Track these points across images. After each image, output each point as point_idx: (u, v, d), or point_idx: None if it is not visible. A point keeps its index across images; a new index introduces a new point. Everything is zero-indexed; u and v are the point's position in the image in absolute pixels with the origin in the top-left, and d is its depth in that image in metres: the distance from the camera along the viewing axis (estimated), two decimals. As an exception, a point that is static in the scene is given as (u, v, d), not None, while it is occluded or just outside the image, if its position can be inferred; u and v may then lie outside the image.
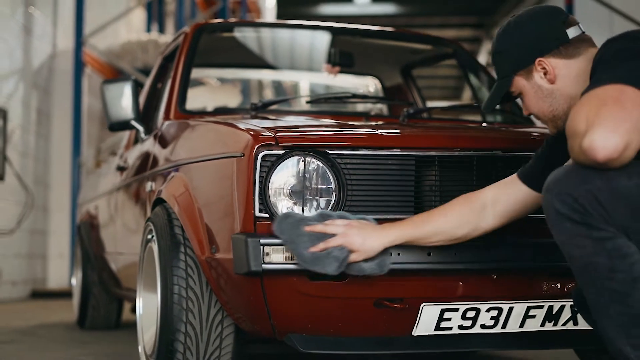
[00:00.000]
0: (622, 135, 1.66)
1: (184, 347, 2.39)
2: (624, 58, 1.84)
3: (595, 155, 1.67)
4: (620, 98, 1.71)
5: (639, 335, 1.73)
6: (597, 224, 1.72)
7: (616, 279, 1.73)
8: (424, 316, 2.22)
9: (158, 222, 2.56)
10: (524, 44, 2.06)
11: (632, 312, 1.72)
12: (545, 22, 2.06)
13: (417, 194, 2.22)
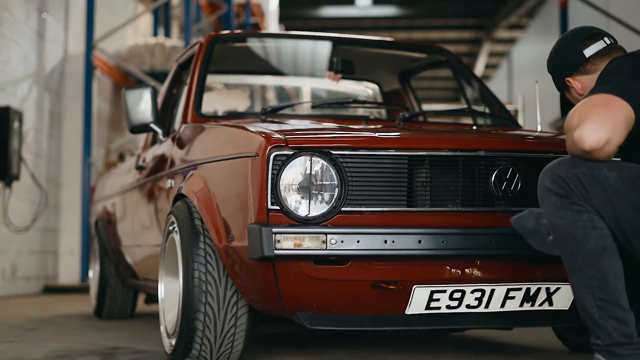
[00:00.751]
0: (605, 131, 2.04)
1: (203, 325, 2.70)
2: (619, 74, 2.20)
3: (583, 145, 2.05)
4: (607, 104, 2.09)
5: (603, 298, 2.04)
6: (577, 200, 2.07)
7: (588, 245, 2.05)
8: (415, 297, 2.52)
9: (179, 215, 2.87)
10: (556, 68, 2.49)
11: (599, 276, 2.04)
12: (567, 47, 2.46)
13: (410, 189, 2.52)
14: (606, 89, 2.13)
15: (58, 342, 3.67)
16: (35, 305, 6.40)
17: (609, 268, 2.05)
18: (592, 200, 2.07)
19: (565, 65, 2.44)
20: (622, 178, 2.08)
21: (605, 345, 2.05)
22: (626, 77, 2.16)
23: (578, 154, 2.10)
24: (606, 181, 2.08)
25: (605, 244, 2.06)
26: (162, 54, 10.26)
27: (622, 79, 2.16)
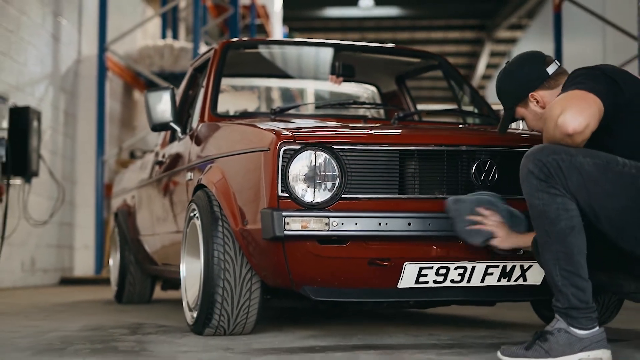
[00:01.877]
0: (585, 117, 2.41)
1: (222, 298, 3.09)
2: (586, 78, 2.58)
3: (567, 129, 2.41)
4: (584, 96, 2.47)
5: (568, 269, 2.42)
6: (554, 184, 2.44)
7: (559, 225, 2.43)
8: (406, 273, 2.91)
9: (200, 203, 3.26)
10: (520, 84, 2.79)
11: (566, 251, 2.42)
12: (532, 66, 2.79)
13: (401, 178, 2.91)
14: (579, 87, 2.50)
15: (87, 320, 4.07)
16: (55, 294, 6.79)
17: (575, 245, 2.43)
18: (569, 184, 2.43)
19: (529, 81, 2.76)
20: (596, 164, 2.45)
21: (564, 308, 2.44)
22: (591, 82, 2.54)
23: (559, 138, 2.45)
24: (582, 167, 2.44)
25: (574, 224, 2.43)
26: (171, 55, 10.64)
27: (589, 82, 2.53)
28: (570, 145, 2.45)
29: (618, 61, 9.87)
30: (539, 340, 2.44)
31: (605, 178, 2.42)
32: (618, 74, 2.59)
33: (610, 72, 2.58)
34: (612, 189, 2.41)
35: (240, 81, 4.85)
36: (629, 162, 2.45)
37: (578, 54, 14.24)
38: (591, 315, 2.44)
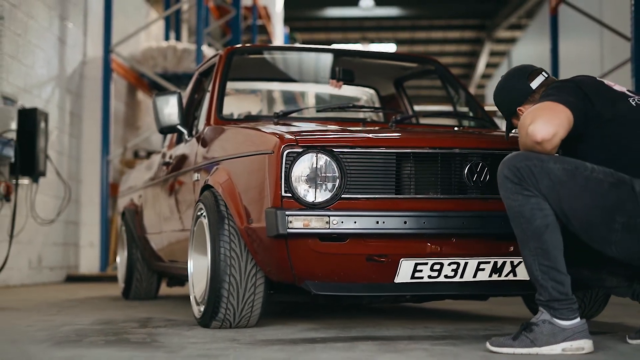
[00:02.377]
0: (553, 126, 2.62)
1: (228, 292, 3.27)
2: (558, 91, 2.78)
3: (536, 137, 2.62)
4: (553, 107, 2.68)
5: (546, 264, 2.60)
6: (528, 187, 2.62)
7: (535, 223, 2.61)
8: (402, 268, 3.08)
9: (207, 202, 3.44)
10: (508, 101, 3.03)
11: (543, 247, 2.60)
12: (517, 82, 3.00)
13: (397, 179, 3.08)
14: (551, 99, 2.70)
15: (98, 315, 4.25)
16: (63, 291, 6.96)
17: (550, 241, 2.61)
18: (540, 187, 2.62)
19: (516, 97, 2.97)
20: (565, 170, 2.64)
21: (545, 301, 2.62)
22: (563, 93, 2.73)
23: (530, 146, 2.65)
24: (552, 172, 2.63)
25: (548, 222, 2.62)
26: (174, 56, 10.82)
27: (561, 94, 2.72)
28: (541, 152, 2.64)
29: (615, 62, 10.04)
30: (525, 331, 2.62)
31: (573, 182, 2.60)
32: (591, 86, 2.78)
33: (583, 84, 2.77)
34: (580, 192, 2.60)
35: (245, 85, 5.03)
36: (597, 168, 2.63)
37: (576, 54, 14.40)
38: (572, 306, 2.61)
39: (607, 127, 2.73)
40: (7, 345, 2.89)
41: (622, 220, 2.62)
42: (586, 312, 3.77)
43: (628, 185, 2.64)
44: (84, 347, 2.82)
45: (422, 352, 2.63)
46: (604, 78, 9.64)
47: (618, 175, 2.65)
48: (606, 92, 2.79)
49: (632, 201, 2.63)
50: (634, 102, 2.79)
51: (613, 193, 2.63)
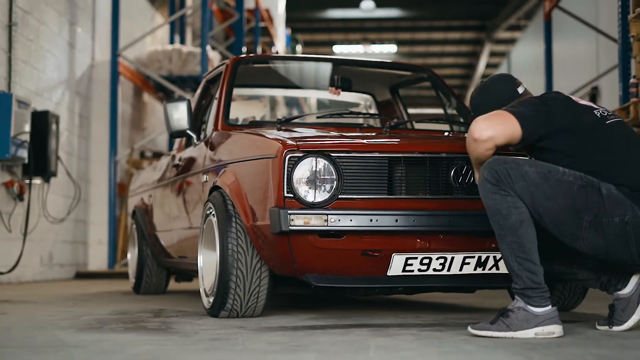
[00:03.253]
0: (492, 131, 2.95)
1: (235, 285, 3.57)
2: (521, 104, 3.09)
3: (474, 134, 2.96)
4: (503, 116, 2.99)
5: (521, 256, 2.90)
6: (504, 187, 2.92)
7: (511, 220, 2.91)
8: (394, 262, 3.39)
9: (216, 202, 3.74)
10: (497, 101, 3.26)
11: (518, 240, 2.90)
12: (507, 86, 3.30)
13: (389, 181, 3.38)
14: (508, 110, 3.02)
15: (113, 306, 4.55)
16: (75, 286, 7.27)
17: (525, 235, 2.91)
18: (516, 188, 2.92)
19: (503, 99, 3.23)
20: (538, 173, 2.94)
21: (521, 289, 2.92)
22: (523, 107, 3.02)
23: (468, 142, 2.99)
24: (527, 174, 2.93)
25: (523, 219, 2.92)
26: (179, 59, 11.11)
27: (521, 107, 3.02)
28: (475, 149, 2.99)
29: (610, 63, 10.30)
30: (502, 317, 2.93)
31: (546, 184, 2.90)
32: (558, 102, 3.06)
33: (550, 100, 3.07)
34: (552, 193, 2.90)
35: (250, 91, 5.34)
36: (568, 171, 2.94)
37: (572, 55, 14.67)
38: (544, 295, 2.91)
39: (574, 137, 3.02)
40: (36, 331, 3.20)
41: (589, 219, 2.93)
42: (565, 304, 4.07)
43: (595, 188, 2.95)
44: (106, 332, 3.13)
45: (410, 336, 2.93)
46: (599, 79, 10.00)
47: (587, 178, 2.96)
48: (573, 107, 3.08)
49: (598, 202, 2.93)
50: (598, 114, 3.09)
51: (582, 194, 2.93)
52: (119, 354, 2.44)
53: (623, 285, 3.09)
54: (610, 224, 2.93)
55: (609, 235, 2.94)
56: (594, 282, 3.19)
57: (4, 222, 7.35)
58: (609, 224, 2.93)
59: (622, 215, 2.93)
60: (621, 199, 2.94)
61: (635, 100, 6.15)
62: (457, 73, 30.53)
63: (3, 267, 7.26)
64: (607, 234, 2.94)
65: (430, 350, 2.53)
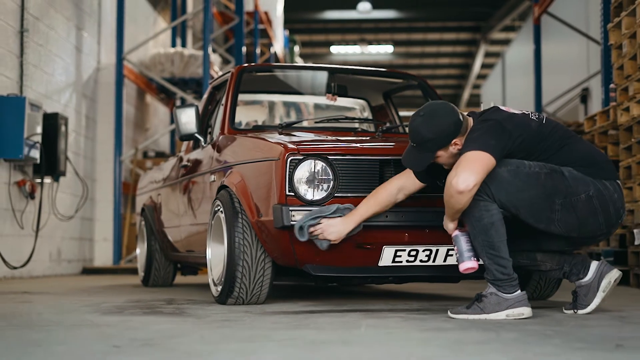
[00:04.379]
0: (474, 176, 3.20)
1: (241, 274, 3.95)
2: (481, 135, 3.33)
3: (457, 187, 3.20)
4: (475, 157, 3.25)
5: (492, 253, 3.28)
6: (479, 193, 3.28)
7: (482, 222, 3.28)
8: (384, 254, 3.77)
9: (223, 200, 4.12)
10: (447, 134, 3.41)
11: (489, 240, 3.28)
12: (453, 117, 3.42)
13: (380, 181, 3.76)
14: (474, 148, 3.26)
15: (127, 296, 4.93)
16: (84, 280, 7.65)
17: (495, 235, 3.28)
18: (492, 189, 3.29)
19: (453, 131, 3.39)
20: (508, 170, 3.31)
21: (491, 280, 3.30)
22: (486, 137, 3.29)
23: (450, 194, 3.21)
24: (498, 175, 3.30)
25: (493, 221, 3.28)
26: (180, 62, 11.49)
27: (483, 138, 3.29)
28: (461, 200, 3.21)
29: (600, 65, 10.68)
30: (477, 302, 3.32)
31: (517, 179, 3.29)
32: (506, 119, 3.39)
33: (501, 121, 3.36)
34: (524, 185, 3.29)
35: (253, 97, 5.73)
36: (532, 164, 3.33)
37: (563, 56, 15.04)
38: (512, 282, 3.30)
39: (527, 143, 3.37)
40: (65, 314, 3.58)
41: (560, 201, 3.31)
42: (541, 293, 4.46)
43: (558, 172, 3.34)
44: (127, 315, 3.51)
45: (397, 318, 3.32)
46: (590, 80, 10.45)
47: (549, 165, 3.35)
48: (515, 119, 3.40)
49: (565, 184, 3.32)
50: (535, 117, 3.46)
51: (549, 180, 3.32)
52: (144, 330, 2.83)
53: (584, 274, 3.48)
54: (579, 201, 3.32)
55: (580, 212, 3.33)
56: (557, 272, 3.58)
57: (17, 219, 7.73)
58: (577, 202, 3.32)
59: (587, 191, 3.33)
60: (581, 177, 3.34)
61: (614, 104, 6.55)
62: (452, 73, 30.90)
63: (15, 262, 7.64)
64: (578, 211, 3.33)
65: (414, 328, 2.91)
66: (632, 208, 5.97)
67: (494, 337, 2.61)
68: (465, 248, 3.41)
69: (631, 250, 5.96)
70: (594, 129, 7.01)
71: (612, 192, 3.39)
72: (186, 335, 2.66)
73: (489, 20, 24.45)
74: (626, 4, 6.14)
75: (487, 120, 3.41)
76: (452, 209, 3.32)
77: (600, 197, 3.35)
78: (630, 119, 5.95)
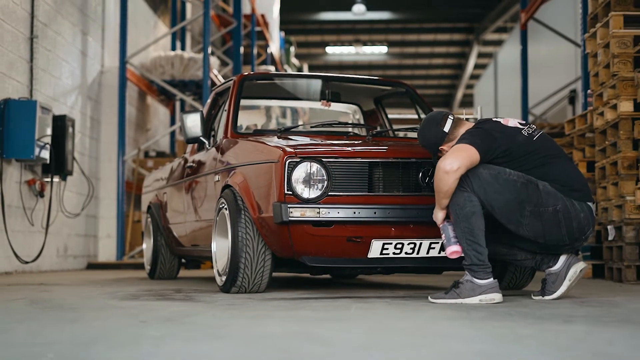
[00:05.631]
0: (458, 161, 3.67)
1: (244, 265, 4.38)
2: (471, 135, 3.84)
3: (444, 167, 3.68)
4: (462, 148, 3.73)
5: (471, 239, 3.70)
6: (463, 185, 3.72)
7: (465, 210, 3.71)
8: (373, 247, 4.19)
9: (228, 198, 4.55)
10: (431, 144, 3.99)
11: (470, 227, 3.70)
12: (432, 131, 3.97)
13: (369, 181, 4.18)
14: (465, 142, 3.76)
15: (137, 287, 5.35)
16: (91, 274, 8.06)
17: (475, 223, 3.72)
18: (473, 185, 3.72)
19: (435, 142, 3.96)
20: (490, 174, 3.75)
21: (468, 265, 3.73)
22: (473, 137, 3.77)
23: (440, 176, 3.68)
24: (481, 174, 3.74)
25: (475, 210, 3.72)
26: (180, 65, 11.89)
27: (471, 138, 3.78)
28: (447, 180, 3.67)
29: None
30: (454, 288, 3.75)
31: (496, 182, 3.72)
32: (495, 128, 3.84)
33: (489, 129, 3.83)
34: (501, 189, 3.72)
35: (253, 102, 6.16)
36: (513, 172, 3.76)
37: (553, 56, 15.43)
38: (487, 270, 3.73)
39: (510, 154, 3.81)
40: (87, 300, 4.00)
41: (530, 209, 3.74)
42: (516, 283, 4.89)
43: (534, 184, 3.77)
44: (143, 301, 3.94)
45: (384, 303, 3.74)
46: (577, 82, 10.91)
47: (527, 177, 3.78)
48: (504, 130, 3.87)
49: (537, 195, 3.75)
50: (525, 133, 3.90)
51: (524, 189, 3.75)
52: (163, 311, 3.25)
53: (554, 263, 3.92)
54: (546, 212, 3.75)
55: (545, 222, 3.76)
56: (530, 261, 4.01)
57: (27, 216, 8.14)
58: (545, 212, 3.75)
59: (555, 205, 3.76)
60: (554, 193, 3.77)
61: (591, 109, 6.98)
62: (446, 73, 31.32)
63: (26, 257, 8.06)
64: (544, 221, 3.76)
65: (397, 310, 3.34)
66: (606, 206, 6.40)
67: (465, 315, 3.04)
68: (452, 235, 3.84)
69: (605, 245, 6.40)
70: (574, 132, 7.44)
71: (578, 211, 3.81)
72: (200, 314, 3.09)
73: (481, 21, 24.84)
74: (601, 16, 6.57)
75: (478, 128, 3.89)
76: (440, 191, 3.75)
77: (566, 212, 3.77)
78: (605, 123, 6.38)
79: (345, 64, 29.28)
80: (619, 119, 6.12)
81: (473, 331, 2.50)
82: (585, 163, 7.21)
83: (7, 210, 7.70)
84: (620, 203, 6.12)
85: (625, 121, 6.11)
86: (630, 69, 6.12)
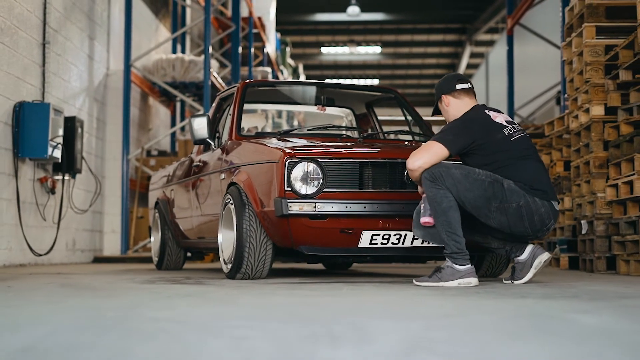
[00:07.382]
0: (420, 161, 4.21)
1: (248, 254, 4.89)
2: (449, 129, 4.34)
3: (408, 165, 4.22)
4: (429, 146, 4.26)
5: (449, 231, 4.21)
6: (438, 183, 4.23)
7: (442, 205, 4.22)
8: (363, 237, 4.71)
9: (233, 194, 5.06)
10: (439, 88, 4.56)
11: (448, 220, 4.21)
12: (448, 80, 4.56)
13: (360, 179, 4.70)
14: (435, 139, 4.28)
15: (149, 276, 5.86)
16: (100, 267, 8.56)
17: (452, 217, 4.23)
18: (447, 183, 4.24)
19: (443, 88, 4.51)
20: (461, 173, 4.27)
21: (449, 253, 4.25)
22: (447, 133, 4.28)
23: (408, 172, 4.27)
24: (454, 175, 4.26)
25: (451, 205, 4.23)
26: (181, 67, 12.39)
27: (444, 133, 4.28)
28: (412, 175, 4.25)
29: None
30: (436, 272, 4.27)
31: (466, 181, 4.24)
32: (477, 121, 4.34)
33: (470, 121, 4.34)
34: (470, 187, 4.24)
35: (255, 106, 6.69)
36: (482, 172, 4.27)
37: (541, 58, 15.94)
38: (465, 257, 4.25)
39: (485, 148, 4.33)
40: (110, 284, 4.51)
41: (496, 205, 4.26)
42: (493, 271, 5.42)
43: (499, 183, 4.29)
44: (160, 284, 4.45)
45: (372, 285, 4.27)
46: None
47: (494, 176, 4.29)
48: (487, 125, 4.38)
49: (502, 193, 4.26)
50: (506, 132, 4.41)
51: (490, 188, 4.27)
52: (181, 290, 3.77)
53: (521, 252, 4.44)
54: (510, 208, 4.27)
55: (510, 216, 4.28)
56: (502, 250, 4.54)
57: (40, 212, 8.65)
58: (509, 208, 4.27)
59: (518, 201, 4.27)
60: (517, 191, 4.29)
61: (567, 112, 7.52)
62: (439, 73, 31.81)
63: (39, 250, 8.57)
64: (509, 215, 4.28)
65: (384, 290, 3.86)
66: (580, 202, 6.94)
67: (440, 292, 3.57)
68: (428, 207, 4.34)
69: (580, 238, 6.93)
70: (552, 133, 7.97)
71: (539, 207, 4.30)
72: (214, 292, 3.61)
73: (474, 22, 25.35)
74: (576, 27, 7.10)
75: (462, 119, 4.39)
76: (411, 177, 4.33)
77: (528, 208, 4.28)
78: (579, 126, 6.92)
79: (340, 63, 29.81)
80: (591, 122, 6.65)
81: (443, 302, 3.02)
82: (563, 162, 7.74)
83: (22, 206, 8.20)
84: (592, 199, 6.65)
85: (596, 124, 6.64)
86: (602, 76, 6.65)
